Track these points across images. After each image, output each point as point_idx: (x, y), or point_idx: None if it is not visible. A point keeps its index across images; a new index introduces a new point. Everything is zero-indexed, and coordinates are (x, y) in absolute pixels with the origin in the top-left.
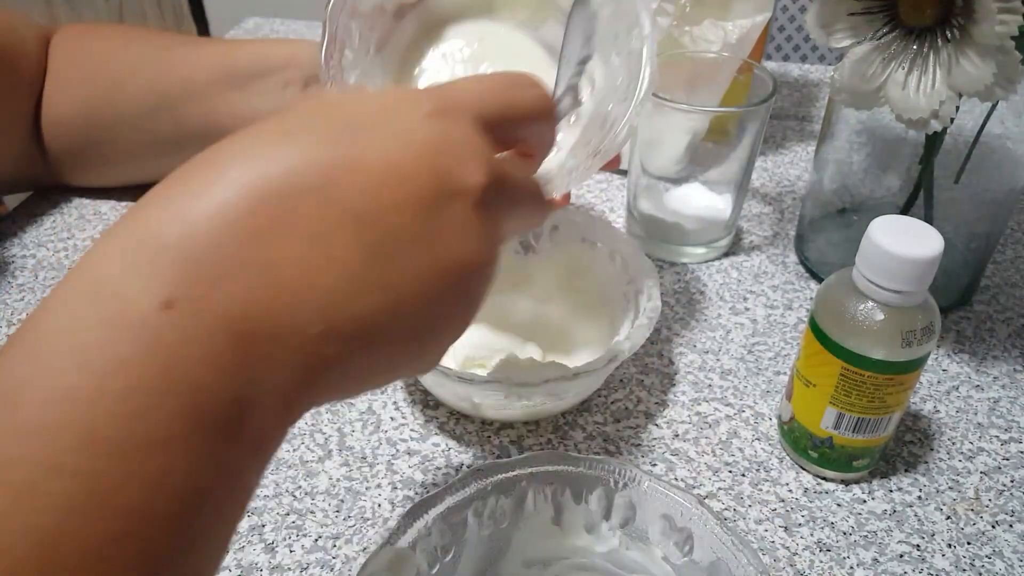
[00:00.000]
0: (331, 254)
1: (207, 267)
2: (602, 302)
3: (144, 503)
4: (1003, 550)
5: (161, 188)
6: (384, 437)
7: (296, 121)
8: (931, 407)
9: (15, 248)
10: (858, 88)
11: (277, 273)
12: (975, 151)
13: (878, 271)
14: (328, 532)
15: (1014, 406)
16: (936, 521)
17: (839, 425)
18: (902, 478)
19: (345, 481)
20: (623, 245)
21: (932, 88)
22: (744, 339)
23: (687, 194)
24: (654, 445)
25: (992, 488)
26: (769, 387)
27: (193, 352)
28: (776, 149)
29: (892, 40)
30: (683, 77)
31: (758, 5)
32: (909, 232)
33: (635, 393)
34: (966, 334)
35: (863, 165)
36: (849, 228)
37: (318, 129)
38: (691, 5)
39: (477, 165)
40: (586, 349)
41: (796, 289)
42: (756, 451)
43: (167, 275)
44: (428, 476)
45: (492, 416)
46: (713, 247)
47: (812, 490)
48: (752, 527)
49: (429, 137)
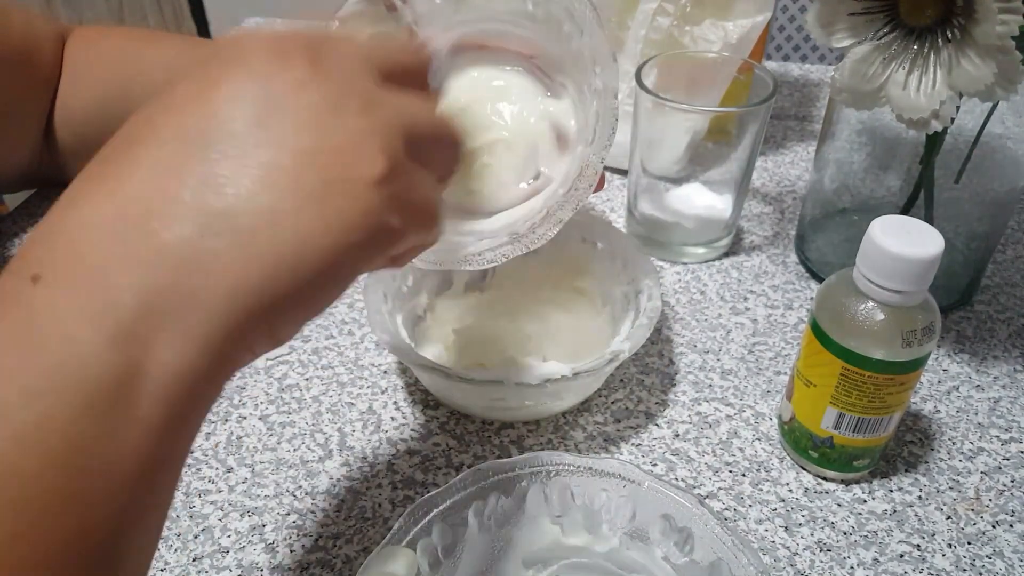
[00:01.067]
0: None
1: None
2: (602, 302)
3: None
4: (1003, 550)
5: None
6: (384, 437)
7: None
8: (931, 407)
9: (16, 248)
10: (859, 88)
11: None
12: (975, 151)
13: (879, 271)
14: (329, 532)
15: (1014, 406)
16: (936, 521)
17: (839, 425)
18: (902, 478)
19: (346, 481)
20: (623, 245)
21: (933, 88)
22: (744, 339)
23: (687, 194)
24: (654, 445)
25: (992, 488)
26: (769, 387)
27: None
28: (776, 149)
29: (893, 40)
30: (683, 77)
31: (758, 5)
32: (909, 232)
33: (635, 393)
34: (966, 334)
35: (863, 165)
36: (849, 228)
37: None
38: (691, 5)
39: (379, 154)
40: (586, 349)
41: (796, 289)
42: (756, 451)
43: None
44: (428, 476)
45: (493, 416)
46: (713, 247)
47: (812, 490)
48: (752, 527)
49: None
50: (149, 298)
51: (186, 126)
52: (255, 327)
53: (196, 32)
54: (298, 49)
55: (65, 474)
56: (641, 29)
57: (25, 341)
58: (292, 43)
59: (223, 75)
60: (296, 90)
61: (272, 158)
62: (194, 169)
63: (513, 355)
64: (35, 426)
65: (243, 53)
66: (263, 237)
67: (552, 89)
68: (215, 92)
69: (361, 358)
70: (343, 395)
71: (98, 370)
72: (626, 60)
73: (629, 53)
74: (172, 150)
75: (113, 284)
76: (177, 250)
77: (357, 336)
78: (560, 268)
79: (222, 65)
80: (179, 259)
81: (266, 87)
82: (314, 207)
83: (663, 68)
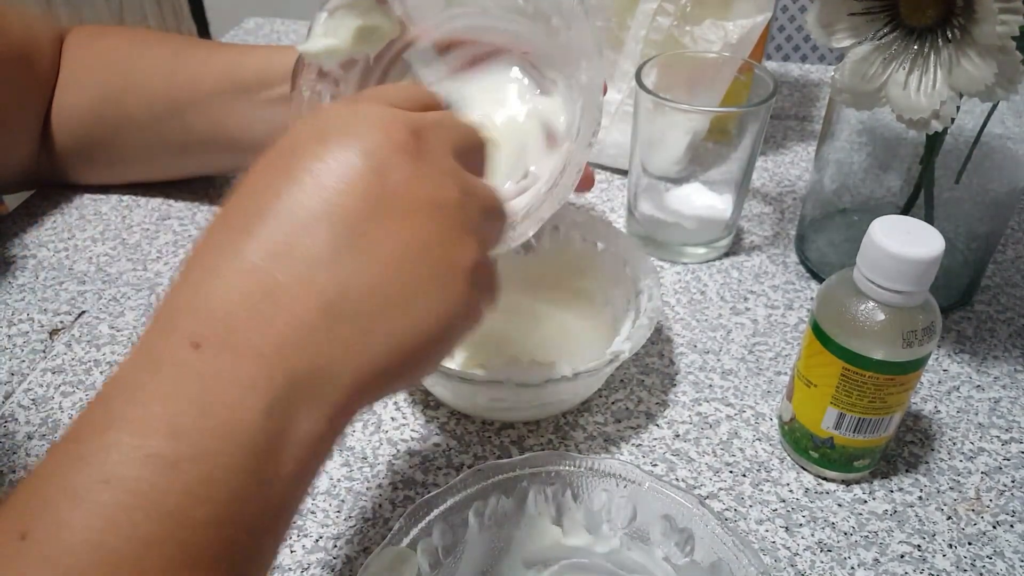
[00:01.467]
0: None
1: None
2: (603, 302)
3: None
4: (1004, 550)
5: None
6: (385, 437)
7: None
8: (932, 407)
9: (15, 248)
10: (859, 88)
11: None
12: (976, 151)
13: (879, 271)
14: (329, 532)
15: (1015, 406)
16: (937, 521)
17: (840, 425)
18: (903, 478)
19: (346, 481)
20: (624, 245)
21: (933, 88)
22: (745, 339)
23: (688, 194)
24: (655, 445)
25: (993, 488)
26: (770, 387)
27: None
28: (776, 149)
29: (893, 40)
30: (683, 77)
31: (759, 5)
32: (910, 232)
33: (636, 393)
34: (967, 334)
35: (864, 165)
36: (850, 228)
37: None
38: (692, 5)
39: (471, 242)
40: (587, 349)
41: (797, 289)
42: (757, 451)
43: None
44: (429, 476)
45: (493, 416)
46: (714, 247)
47: (813, 490)
48: (753, 527)
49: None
50: (294, 377)
51: (305, 205)
52: (371, 398)
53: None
54: (404, 131)
55: (226, 524)
56: (641, 29)
57: (196, 404)
58: (399, 125)
59: (335, 153)
60: (408, 181)
61: (388, 252)
62: (319, 254)
63: (513, 355)
64: (204, 480)
65: (354, 129)
66: (382, 325)
67: (542, 86)
68: (328, 173)
69: None
70: None
71: (256, 435)
72: (626, 60)
73: (629, 53)
74: (293, 229)
75: (266, 361)
76: (313, 334)
77: None
78: (560, 268)
79: (336, 139)
80: (314, 343)
81: (381, 176)
82: (424, 295)
83: (663, 68)
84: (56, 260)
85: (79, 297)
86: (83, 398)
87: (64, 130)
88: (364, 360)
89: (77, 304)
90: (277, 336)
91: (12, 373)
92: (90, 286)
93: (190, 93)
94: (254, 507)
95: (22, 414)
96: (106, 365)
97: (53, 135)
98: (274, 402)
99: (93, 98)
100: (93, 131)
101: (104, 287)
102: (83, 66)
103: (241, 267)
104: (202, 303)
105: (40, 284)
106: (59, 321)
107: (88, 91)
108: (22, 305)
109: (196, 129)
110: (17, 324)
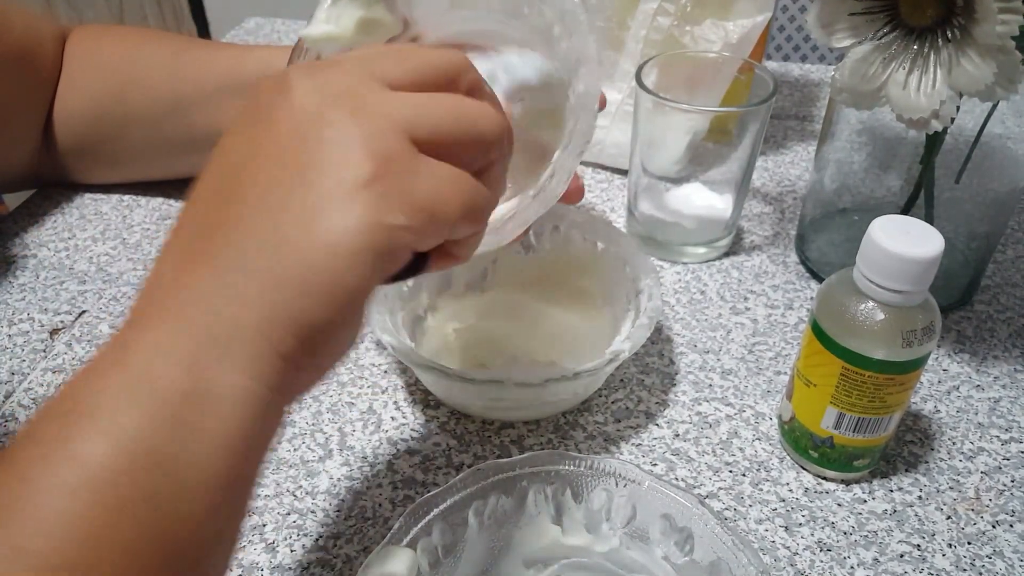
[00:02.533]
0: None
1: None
2: (603, 302)
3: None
4: (1003, 550)
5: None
6: (385, 437)
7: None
8: (932, 407)
9: (16, 247)
10: (859, 88)
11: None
12: (976, 151)
13: (879, 271)
14: (329, 532)
15: (1014, 406)
16: (937, 521)
17: (840, 425)
18: (903, 478)
19: (346, 481)
20: (624, 245)
21: (933, 88)
22: (745, 339)
23: (688, 194)
24: (655, 445)
25: (992, 488)
26: (770, 387)
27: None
28: (777, 149)
29: (893, 40)
30: (683, 77)
31: (759, 5)
32: (910, 232)
33: (636, 393)
34: (967, 334)
35: (864, 165)
36: (850, 228)
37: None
38: (692, 5)
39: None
40: (587, 349)
41: (797, 289)
42: (757, 451)
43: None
44: (429, 476)
45: (493, 416)
46: (714, 247)
47: (813, 490)
48: (752, 527)
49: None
50: (204, 333)
51: (212, 171)
52: (292, 353)
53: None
54: (295, 71)
55: (148, 473)
56: (641, 29)
57: (118, 363)
58: (294, 70)
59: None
60: (281, 107)
61: (264, 189)
62: (207, 209)
63: (513, 355)
64: (124, 429)
65: (260, 88)
66: (274, 271)
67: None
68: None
69: (361, 358)
70: (343, 395)
71: (170, 388)
72: (626, 60)
73: (629, 53)
74: (208, 200)
75: (173, 322)
76: (211, 290)
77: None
78: (560, 268)
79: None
80: (207, 297)
81: (258, 112)
82: (312, 228)
83: (663, 68)
84: (57, 260)
85: (80, 297)
86: None
87: (66, 129)
88: (264, 312)
89: (77, 304)
90: (180, 297)
91: (12, 373)
92: (91, 286)
93: (192, 92)
94: (180, 462)
95: (22, 414)
96: None
97: (55, 134)
98: (186, 357)
99: (95, 97)
100: (95, 130)
101: (105, 287)
102: (85, 65)
103: (176, 244)
104: (145, 283)
105: (41, 284)
106: (60, 321)
107: (90, 90)
108: (23, 305)
109: (198, 128)
110: (18, 324)
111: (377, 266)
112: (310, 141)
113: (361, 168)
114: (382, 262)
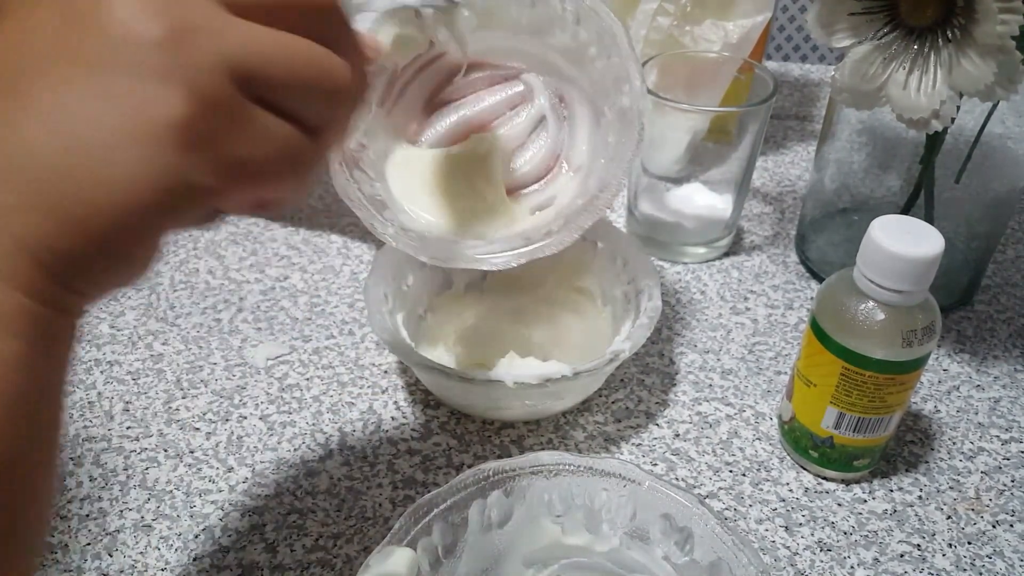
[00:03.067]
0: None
1: None
2: (603, 302)
3: None
4: (1003, 550)
5: None
6: (385, 436)
7: None
8: (932, 407)
9: None
10: (859, 88)
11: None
12: (976, 151)
13: (879, 271)
14: (329, 531)
15: (1015, 406)
16: (937, 521)
17: (840, 425)
18: (903, 478)
19: (346, 480)
20: (624, 245)
21: (933, 88)
22: (745, 339)
23: (688, 194)
24: (655, 445)
25: (993, 488)
26: (770, 387)
27: None
28: (777, 149)
29: (893, 40)
30: (683, 77)
31: (758, 5)
32: (910, 232)
33: (636, 393)
34: (967, 334)
35: (864, 165)
36: (850, 228)
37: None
38: (692, 5)
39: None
40: (586, 349)
41: (797, 289)
42: (757, 451)
43: None
44: (429, 475)
45: (493, 416)
46: (714, 247)
47: (813, 490)
48: (753, 527)
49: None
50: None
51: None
52: (60, 278)
53: None
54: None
55: None
56: (641, 29)
57: None
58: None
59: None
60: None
61: (59, 101)
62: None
63: (513, 355)
64: None
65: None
66: (49, 194)
67: (569, 109)
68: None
69: (361, 358)
70: (343, 395)
71: None
72: None
73: None
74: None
75: None
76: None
77: (357, 336)
78: (560, 268)
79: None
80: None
81: (69, 9)
82: (102, 161)
83: (663, 68)
84: None
85: None
86: (83, 397)
87: None
88: (29, 234)
89: None
90: None
91: None
92: None
93: None
94: None
95: None
96: (106, 365)
97: None
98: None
99: None
100: None
101: None
102: None
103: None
104: None
105: None
106: None
107: None
108: None
109: None
110: None
111: (166, 223)
112: (118, 62)
113: (175, 107)
114: (172, 219)
